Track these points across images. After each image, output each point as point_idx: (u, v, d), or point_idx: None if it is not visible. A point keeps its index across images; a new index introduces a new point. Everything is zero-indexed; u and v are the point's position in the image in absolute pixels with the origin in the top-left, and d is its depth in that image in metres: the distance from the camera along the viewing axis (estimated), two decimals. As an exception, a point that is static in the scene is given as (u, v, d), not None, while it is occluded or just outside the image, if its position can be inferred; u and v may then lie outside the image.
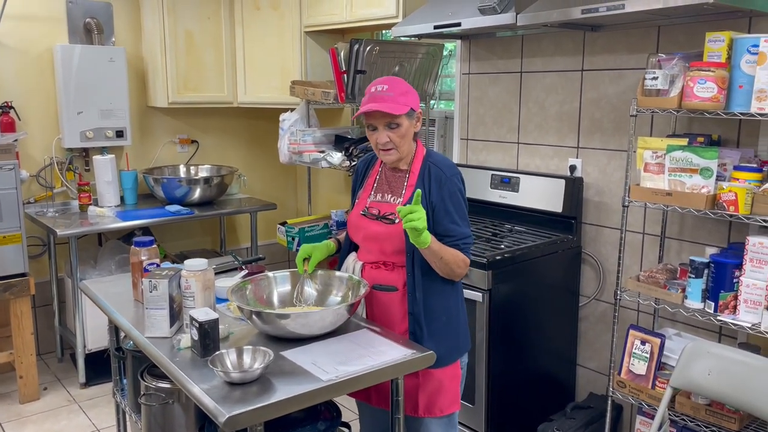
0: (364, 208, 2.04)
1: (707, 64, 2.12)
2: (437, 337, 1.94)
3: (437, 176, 1.93)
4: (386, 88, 1.88)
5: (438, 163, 1.96)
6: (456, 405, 2.04)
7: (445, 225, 1.91)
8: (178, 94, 3.95)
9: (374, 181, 2.07)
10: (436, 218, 1.91)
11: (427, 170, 1.95)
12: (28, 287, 3.24)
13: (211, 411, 1.47)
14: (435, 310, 1.95)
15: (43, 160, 3.80)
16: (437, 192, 1.92)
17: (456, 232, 1.91)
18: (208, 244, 4.56)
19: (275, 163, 4.60)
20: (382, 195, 2.02)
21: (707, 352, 2.06)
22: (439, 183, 1.92)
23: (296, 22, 3.91)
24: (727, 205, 2.11)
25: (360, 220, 2.03)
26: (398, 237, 1.93)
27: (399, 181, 2.00)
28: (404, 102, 1.88)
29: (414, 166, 1.98)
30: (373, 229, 1.98)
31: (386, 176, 2.04)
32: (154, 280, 1.82)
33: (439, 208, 1.91)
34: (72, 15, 3.77)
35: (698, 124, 2.54)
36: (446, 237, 1.91)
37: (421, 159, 1.98)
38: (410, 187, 1.96)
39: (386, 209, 1.98)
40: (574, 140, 2.99)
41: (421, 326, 1.94)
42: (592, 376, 3.05)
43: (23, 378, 3.33)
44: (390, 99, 1.86)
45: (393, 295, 1.97)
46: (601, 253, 2.95)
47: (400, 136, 1.90)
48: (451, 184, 1.93)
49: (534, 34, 3.06)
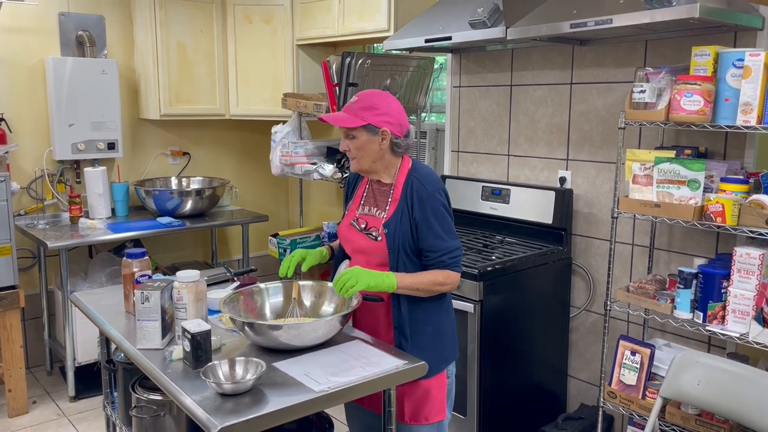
0: (353, 219, 2.07)
1: (694, 78, 2.15)
2: (422, 348, 1.95)
3: (419, 192, 1.94)
4: (356, 100, 1.95)
5: (421, 177, 1.97)
6: (442, 414, 2.04)
7: (429, 241, 1.92)
8: (170, 107, 3.96)
9: (363, 194, 2.10)
10: (420, 235, 1.92)
11: (410, 185, 1.96)
12: (17, 300, 3.22)
13: (204, 422, 1.47)
14: (420, 322, 1.96)
15: (34, 172, 3.80)
16: (419, 208, 1.92)
17: (440, 248, 1.92)
18: (200, 256, 4.55)
19: (267, 175, 4.61)
20: (369, 208, 2.05)
21: (696, 363, 2.08)
22: (420, 199, 1.93)
23: (288, 36, 3.94)
24: (714, 216, 2.14)
25: (348, 231, 2.06)
26: (382, 252, 1.96)
27: (383, 195, 2.03)
28: (363, 116, 1.91)
29: (398, 180, 1.99)
30: (360, 243, 2.02)
31: (373, 189, 2.07)
32: (146, 291, 1.82)
33: (422, 224, 1.92)
34: (64, 27, 3.78)
35: (685, 137, 2.57)
36: (431, 253, 1.92)
37: (405, 173, 1.99)
38: (394, 202, 1.97)
39: (372, 222, 2.01)
40: (563, 152, 3.02)
41: (406, 337, 1.95)
42: (583, 387, 3.06)
43: (12, 391, 3.30)
44: (351, 111, 1.92)
45: (379, 305, 1.99)
46: (591, 264, 2.97)
47: (357, 148, 1.95)
48: (433, 200, 1.93)
49: (524, 47, 3.10)
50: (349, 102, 1.96)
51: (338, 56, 3.33)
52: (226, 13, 4.05)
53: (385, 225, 1.95)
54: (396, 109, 1.96)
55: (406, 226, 1.93)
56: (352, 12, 3.49)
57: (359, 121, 1.91)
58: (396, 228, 1.93)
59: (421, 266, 1.96)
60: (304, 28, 3.85)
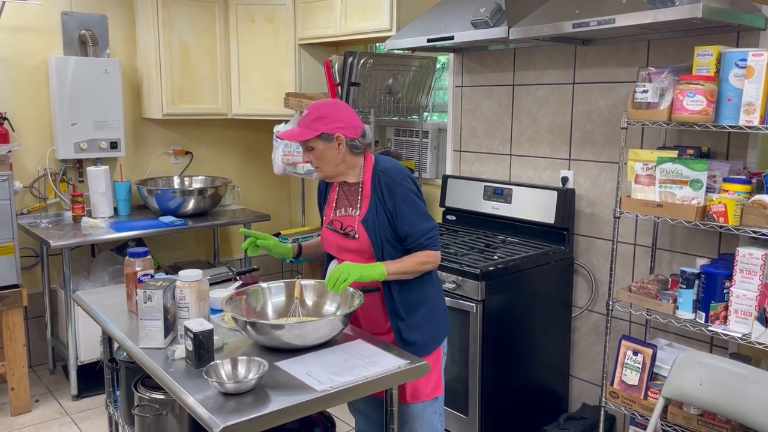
0: (329, 223, 2.16)
1: (696, 78, 2.15)
2: (418, 327, 2.07)
3: (387, 184, 2.03)
4: (306, 113, 2.03)
5: (386, 170, 2.06)
6: (440, 389, 2.16)
7: (405, 228, 2.03)
8: (173, 106, 3.96)
9: (335, 197, 2.17)
10: (396, 223, 2.03)
11: (377, 180, 2.06)
12: (20, 298, 3.23)
13: (206, 421, 1.47)
14: (413, 302, 2.07)
15: (36, 171, 3.80)
16: (390, 198, 2.02)
17: (415, 232, 2.02)
18: (202, 255, 4.55)
19: (269, 175, 4.61)
20: (344, 209, 2.13)
21: (699, 363, 2.08)
22: (390, 190, 2.03)
23: (291, 35, 3.94)
24: (717, 216, 2.13)
25: (330, 235, 2.15)
26: (366, 247, 2.06)
27: (353, 194, 2.12)
28: (315, 127, 1.99)
29: (365, 177, 2.09)
30: (344, 243, 2.10)
31: (344, 191, 2.15)
32: (149, 290, 1.82)
33: (395, 213, 2.02)
34: (67, 27, 3.78)
35: (688, 137, 2.57)
36: (409, 237, 2.03)
37: (370, 170, 2.09)
38: (365, 198, 2.07)
39: (347, 222, 2.10)
40: (565, 152, 3.02)
41: (402, 319, 2.06)
42: (585, 387, 3.06)
43: (15, 390, 3.31)
44: (303, 125, 2.01)
45: (376, 295, 2.08)
46: (593, 264, 2.97)
47: (317, 158, 2.03)
48: (402, 188, 2.02)
49: (526, 47, 3.10)
50: (301, 117, 2.06)
51: (340, 56, 3.34)
52: (228, 12, 4.05)
53: (363, 221, 2.05)
54: (346, 113, 2.04)
55: (383, 217, 2.03)
56: (354, 11, 3.49)
57: (312, 132, 1.99)
58: (374, 222, 2.03)
59: (403, 251, 2.06)
60: (307, 27, 3.85)
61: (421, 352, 2.03)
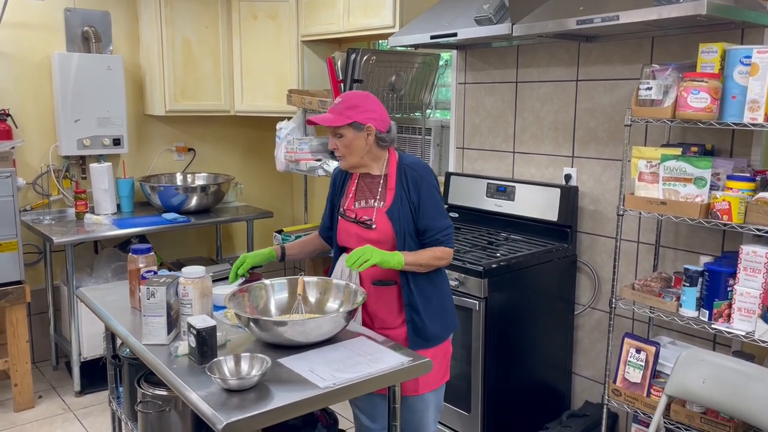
0: (348, 214, 2.17)
1: (701, 75, 2.14)
2: (432, 319, 2.11)
3: (414, 178, 2.09)
4: (339, 101, 2.06)
5: (412, 165, 2.12)
6: (447, 376, 2.23)
7: (425, 222, 2.08)
8: (176, 103, 3.96)
9: (354, 189, 2.19)
10: (417, 217, 2.08)
11: (403, 174, 2.11)
12: (23, 295, 3.24)
13: (209, 418, 1.47)
14: (427, 296, 2.12)
15: (39, 168, 3.81)
16: (415, 192, 2.08)
17: (435, 227, 2.08)
18: (205, 252, 4.56)
19: (272, 172, 4.61)
20: (364, 200, 2.15)
21: (702, 361, 2.07)
22: (416, 184, 2.08)
23: (293, 32, 3.93)
24: (720, 214, 2.13)
25: (347, 225, 2.16)
26: (388, 238, 2.08)
27: (376, 185, 2.15)
28: (348, 115, 2.03)
29: (390, 171, 2.13)
30: (364, 234, 2.11)
31: (365, 183, 2.17)
32: (152, 287, 1.82)
33: (419, 207, 2.08)
34: (70, 23, 3.78)
35: (692, 134, 2.56)
36: (427, 232, 2.08)
37: (395, 164, 2.13)
38: (390, 190, 2.11)
39: (364, 213, 2.12)
40: (569, 149, 3.01)
41: (418, 313, 2.08)
42: (588, 384, 3.06)
43: (18, 386, 3.32)
44: (336, 111, 2.04)
45: (391, 289, 2.11)
46: (596, 261, 2.96)
47: (344, 145, 2.07)
48: (427, 183, 2.09)
49: (529, 44, 3.09)
50: (333, 104, 2.08)
51: (343, 52, 3.33)
52: (231, 9, 4.05)
53: (388, 212, 2.08)
54: (378, 106, 2.09)
55: (407, 210, 2.08)
56: (357, 8, 3.48)
57: (345, 119, 2.03)
58: (399, 213, 2.07)
59: (419, 246, 2.10)
60: (309, 24, 3.84)
61: (432, 344, 2.10)
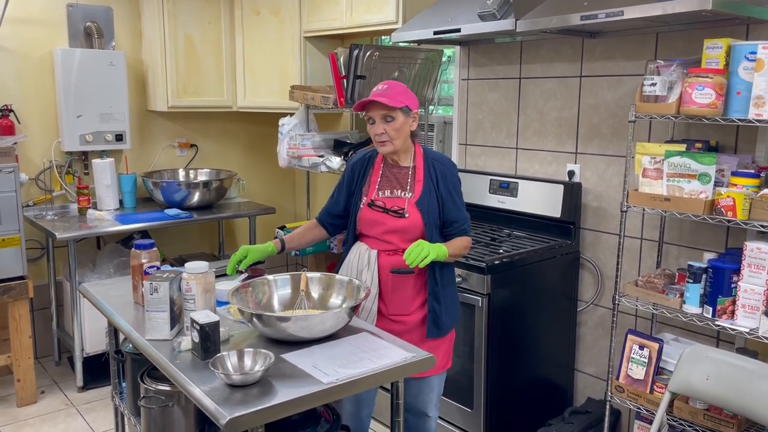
0: (372, 203, 2.18)
1: (705, 71, 2.13)
2: (448, 308, 2.22)
3: (442, 172, 2.18)
4: (386, 87, 2.11)
5: (439, 159, 2.22)
6: (450, 362, 2.33)
7: (453, 213, 2.18)
8: (178, 98, 3.96)
9: (378, 178, 2.21)
10: (446, 208, 2.17)
11: (431, 167, 2.18)
12: (26, 290, 3.24)
13: (213, 413, 1.47)
14: (446, 286, 2.22)
15: (42, 164, 3.81)
16: (444, 185, 2.17)
17: (461, 218, 2.20)
18: (207, 247, 4.56)
19: (274, 168, 4.61)
20: (390, 191, 2.19)
21: (705, 357, 2.07)
22: (444, 177, 2.18)
23: (296, 28, 3.92)
24: (725, 210, 2.12)
25: (373, 214, 2.18)
26: (415, 228, 2.14)
27: (404, 176, 2.19)
28: (400, 99, 2.08)
29: (417, 163, 2.19)
30: (392, 224, 2.15)
31: (392, 173, 2.20)
32: (155, 282, 1.82)
33: (447, 200, 2.17)
34: (72, 19, 3.78)
35: (696, 130, 2.56)
36: (455, 223, 2.18)
37: (421, 157, 2.20)
38: (419, 182, 2.17)
39: (393, 203, 2.16)
40: (572, 146, 3.01)
41: (439, 301, 2.18)
42: (590, 381, 3.05)
43: (21, 381, 3.33)
44: (387, 95, 2.08)
45: (408, 276, 2.17)
46: (599, 258, 2.96)
47: (395, 129, 2.09)
48: (454, 177, 2.20)
49: (533, 40, 3.08)
50: (378, 90, 2.10)
51: (346, 48, 3.32)
52: (233, 5, 4.04)
53: (418, 203, 2.14)
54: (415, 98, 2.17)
55: (434, 202, 2.16)
56: (360, 4, 3.47)
57: (400, 103, 2.08)
58: (428, 205, 2.15)
59: (443, 236, 2.18)
60: (312, 20, 3.83)
61: (444, 333, 2.21)
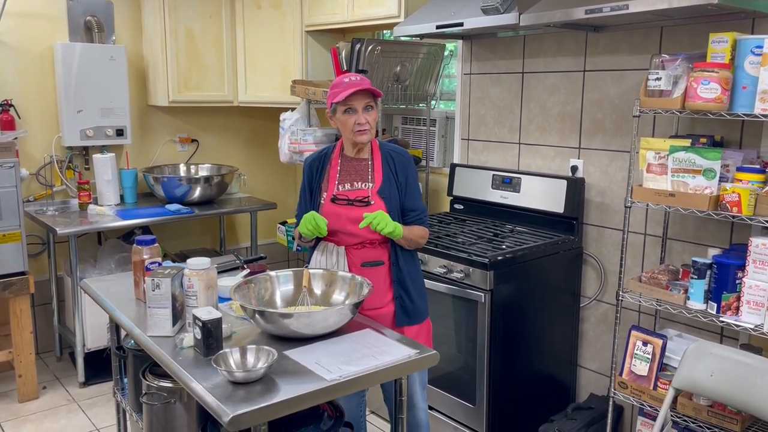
0: (333, 197, 2.20)
1: (711, 65, 2.11)
2: (418, 296, 2.25)
3: (400, 161, 2.23)
4: (360, 78, 2.14)
5: (395, 150, 2.26)
6: None
7: (411, 202, 2.23)
8: (179, 93, 3.94)
9: (336, 173, 2.23)
10: (404, 197, 2.22)
11: (389, 157, 2.23)
12: (27, 286, 3.23)
13: (215, 410, 1.47)
14: (412, 274, 2.25)
15: (42, 159, 3.79)
16: (403, 175, 2.22)
17: (419, 207, 2.25)
18: (208, 243, 4.55)
19: (275, 163, 4.59)
20: (351, 183, 2.21)
21: (709, 354, 2.06)
22: (403, 167, 2.23)
23: (297, 22, 3.90)
24: (730, 206, 2.11)
25: (339, 208, 2.19)
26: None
27: (363, 168, 2.22)
28: (376, 91, 2.14)
29: (374, 155, 2.23)
30: (358, 214, 2.14)
31: (349, 166, 2.23)
32: (157, 278, 1.81)
33: (405, 189, 2.22)
34: (72, 13, 3.76)
35: (701, 125, 2.54)
36: (412, 212, 2.23)
37: (378, 148, 2.25)
38: (378, 172, 2.21)
39: (355, 195, 2.19)
40: (575, 141, 2.99)
41: (406, 290, 2.22)
42: (593, 377, 3.05)
43: (22, 377, 3.32)
44: (368, 85, 2.12)
45: (380, 269, 2.20)
46: (602, 253, 2.94)
47: (374, 119, 2.16)
48: (411, 167, 2.26)
49: (536, 34, 3.06)
50: (354, 81, 2.12)
51: (348, 43, 3.30)
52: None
53: (380, 191, 2.18)
54: None
55: (395, 190, 2.20)
56: (362, -2, 3.45)
57: (379, 93, 2.14)
58: (390, 193, 2.19)
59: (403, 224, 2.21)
60: (314, 14, 3.81)
61: (416, 321, 2.24)
